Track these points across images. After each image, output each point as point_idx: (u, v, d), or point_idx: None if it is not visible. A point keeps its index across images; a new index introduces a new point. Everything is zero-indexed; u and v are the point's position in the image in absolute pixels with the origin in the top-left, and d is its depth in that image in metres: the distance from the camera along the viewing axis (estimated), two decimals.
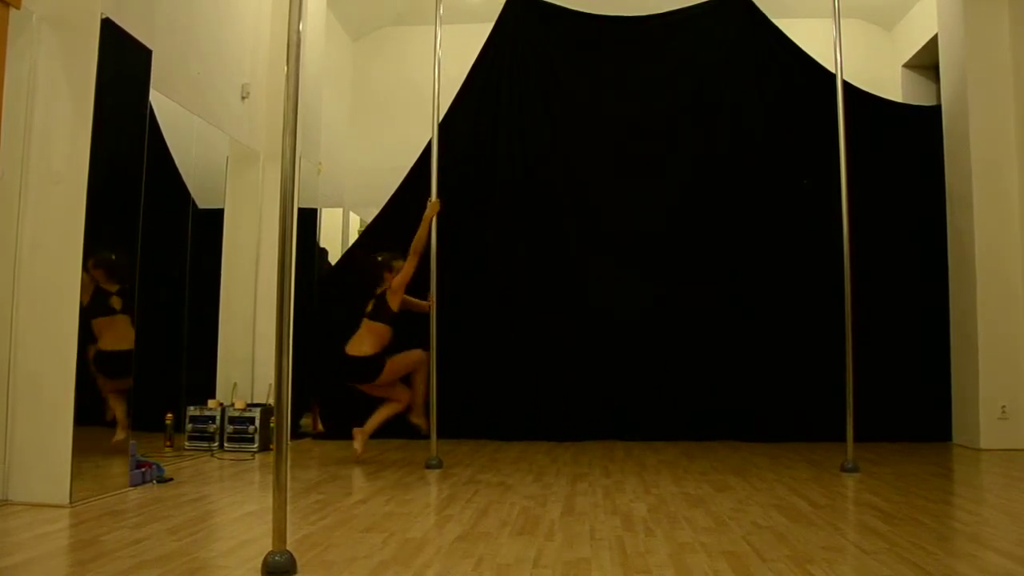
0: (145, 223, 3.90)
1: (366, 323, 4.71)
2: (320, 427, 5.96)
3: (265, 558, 2.44)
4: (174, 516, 3.21)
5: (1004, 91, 5.56)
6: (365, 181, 7.55)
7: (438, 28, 4.89)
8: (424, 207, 4.72)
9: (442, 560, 2.60)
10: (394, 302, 4.67)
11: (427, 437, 4.65)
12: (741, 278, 5.92)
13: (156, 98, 4.38)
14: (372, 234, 6.19)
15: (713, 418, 5.79)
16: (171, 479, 4.02)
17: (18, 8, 3.51)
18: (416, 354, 4.82)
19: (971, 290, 5.53)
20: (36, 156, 3.57)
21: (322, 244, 6.69)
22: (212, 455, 4.90)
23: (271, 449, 4.77)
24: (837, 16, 4.72)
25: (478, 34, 6.24)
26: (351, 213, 7.94)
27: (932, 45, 6.42)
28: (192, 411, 5.12)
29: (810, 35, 6.34)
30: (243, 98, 5.46)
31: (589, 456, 5.04)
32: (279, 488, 2.48)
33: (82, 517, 3.17)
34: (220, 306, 5.56)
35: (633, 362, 5.91)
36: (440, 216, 4.75)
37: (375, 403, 5.84)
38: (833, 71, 4.75)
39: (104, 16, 3.61)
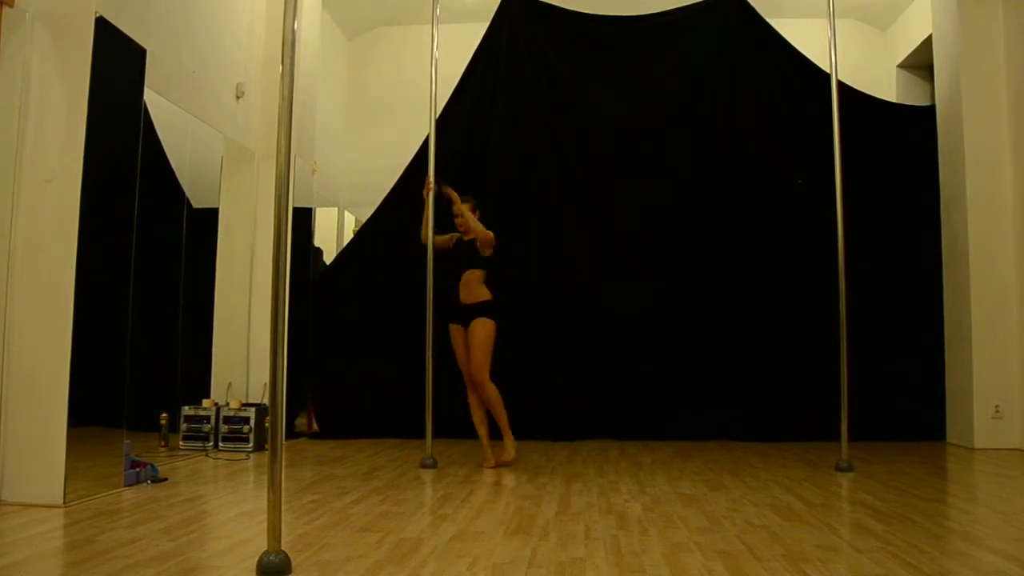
0: (139, 222, 3.89)
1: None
2: (315, 427, 5.96)
3: (260, 558, 2.43)
4: (168, 516, 3.21)
5: (998, 91, 5.58)
6: (360, 180, 7.55)
7: (435, 28, 4.89)
8: (421, 209, 4.74)
9: (437, 560, 2.60)
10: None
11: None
12: (736, 277, 5.93)
13: (151, 97, 4.36)
14: (367, 234, 6.20)
15: (708, 417, 5.80)
16: (166, 479, 4.01)
17: (11, 6, 3.50)
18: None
19: (965, 289, 5.55)
20: (30, 155, 3.55)
21: (317, 244, 6.68)
22: (207, 455, 4.89)
23: (266, 449, 4.77)
24: (832, 16, 4.73)
25: (473, 34, 6.23)
26: (346, 212, 7.94)
27: (926, 45, 6.44)
28: (187, 411, 5.11)
29: (805, 35, 6.35)
30: (238, 97, 5.45)
31: (584, 456, 5.05)
32: (274, 488, 2.48)
33: (76, 517, 3.16)
34: (215, 305, 5.54)
35: (628, 361, 5.91)
36: (438, 216, 4.74)
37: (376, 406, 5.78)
38: (828, 71, 4.76)
39: (98, 15, 3.59)
